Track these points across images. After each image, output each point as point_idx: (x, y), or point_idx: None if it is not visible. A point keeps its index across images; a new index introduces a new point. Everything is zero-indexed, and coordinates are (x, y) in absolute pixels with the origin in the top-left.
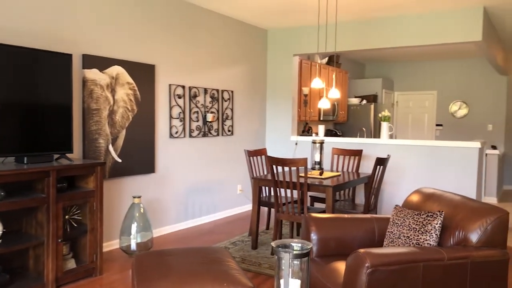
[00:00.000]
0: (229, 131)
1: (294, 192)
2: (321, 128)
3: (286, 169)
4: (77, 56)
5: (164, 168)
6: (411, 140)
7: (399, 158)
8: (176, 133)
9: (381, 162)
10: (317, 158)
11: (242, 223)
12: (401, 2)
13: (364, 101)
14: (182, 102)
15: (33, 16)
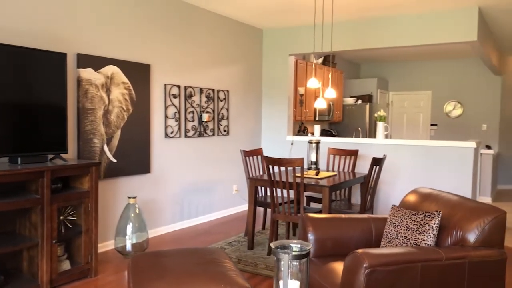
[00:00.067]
0: (224, 131)
1: (290, 192)
2: (316, 128)
3: (282, 169)
4: (71, 56)
5: (159, 168)
6: (407, 140)
7: (395, 158)
8: (172, 133)
9: (377, 162)
10: (313, 158)
11: (238, 224)
12: (396, 3)
13: (359, 101)
14: (177, 102)
15: (26, 15)
